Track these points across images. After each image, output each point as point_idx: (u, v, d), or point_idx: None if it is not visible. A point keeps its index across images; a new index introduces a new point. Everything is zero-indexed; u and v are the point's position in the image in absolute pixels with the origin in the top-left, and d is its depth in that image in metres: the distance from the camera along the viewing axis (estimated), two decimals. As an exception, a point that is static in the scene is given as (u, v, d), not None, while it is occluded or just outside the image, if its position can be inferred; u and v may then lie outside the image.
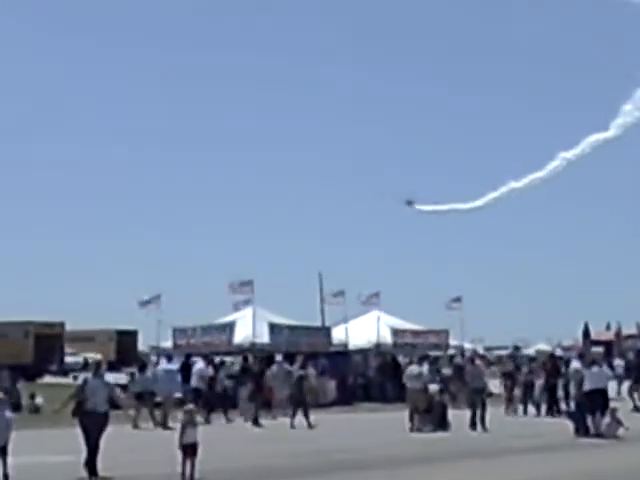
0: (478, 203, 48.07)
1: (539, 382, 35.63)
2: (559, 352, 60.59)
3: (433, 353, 43.84)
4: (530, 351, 69.16)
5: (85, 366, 51.02)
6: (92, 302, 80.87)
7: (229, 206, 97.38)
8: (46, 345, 54.01)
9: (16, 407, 29.99)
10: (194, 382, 33.64)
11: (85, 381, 19.61)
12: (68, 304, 78.48)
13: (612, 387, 33.02)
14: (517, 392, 36.78)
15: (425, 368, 32.68)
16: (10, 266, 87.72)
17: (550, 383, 35.00)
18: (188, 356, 37.29)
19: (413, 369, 31.76)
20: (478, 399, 29.72)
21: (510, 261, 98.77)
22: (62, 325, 56.20)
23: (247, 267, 79.53)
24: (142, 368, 33.44)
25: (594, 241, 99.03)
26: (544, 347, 74.37)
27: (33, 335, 54.30)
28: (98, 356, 53.37)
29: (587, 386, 27.25)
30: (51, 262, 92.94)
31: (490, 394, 33.42)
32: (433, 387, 32.19)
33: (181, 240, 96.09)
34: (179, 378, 32.77)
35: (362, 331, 46.59)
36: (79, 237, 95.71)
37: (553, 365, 36.20)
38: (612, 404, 28.08)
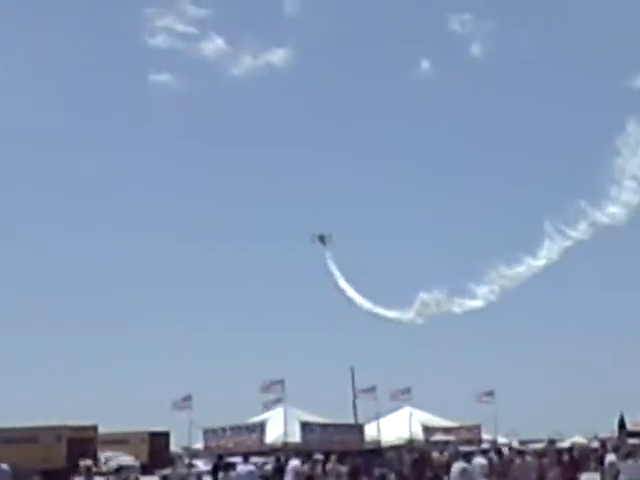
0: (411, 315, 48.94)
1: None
2: (595, 444, 59.72)
3: (466, 449, 43.41)
4: (566, 444, 68.18)
5: (118, 470, 50.85)
6: (124, 402, 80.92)
7: (259, 304, 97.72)
8: (79, 449, 53.92)
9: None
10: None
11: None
12: (99, 404, 78.52)
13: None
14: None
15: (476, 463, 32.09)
16: (41, 367, 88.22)
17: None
18: (220, 457, 37.18)
19: (460, 465, 31.24)
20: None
21: (542, 351, 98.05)
22: (95, 428, 56.15)
23: (277, 364, 79.57)
24: (227, 467, 32.13)
25: (630, 329, 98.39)
26: (580, 439, 73.27)
27: (66, 439, 54.29)
28: (132, 458, 53.40)
29: (623, 479, 26.98)
30: (82, 362, 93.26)
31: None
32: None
33: (211, 339, 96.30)
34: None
35: (394, 428, 46.37)
36: (109, 334, 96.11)
37: (571, 458, 35.31)
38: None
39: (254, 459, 40.79)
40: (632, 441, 63.77)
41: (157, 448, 59.93)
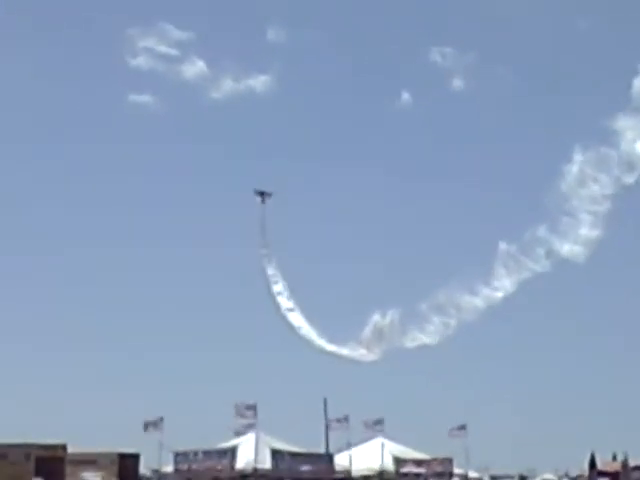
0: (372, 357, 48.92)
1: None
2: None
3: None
4: (536, 480, 68.26)
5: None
6: (94, 422, 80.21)
7: (233, 327, 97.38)
8: (48, 467, 53.49)
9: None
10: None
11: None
12: (69, 424, 77.81)
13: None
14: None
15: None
16: (11, 384, 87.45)
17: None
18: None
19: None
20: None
21: (516, 388, 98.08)
22: (64, 447, 55.73)
23: (251, 389, 79.12)
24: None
25: (603, 370, 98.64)
26: (551, 477, 73.39)
27: (34, 457, 53.86)
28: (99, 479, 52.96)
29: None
30: (53, 380, 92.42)
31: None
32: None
33: (184, 361, 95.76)
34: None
35: (366, 458, 46.25)
36: (81, 352, 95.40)
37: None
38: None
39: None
40: (602, 480, 63.94)
41: (126, 470, 59.41)
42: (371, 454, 46.53)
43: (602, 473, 69.14)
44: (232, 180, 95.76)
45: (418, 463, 47.72)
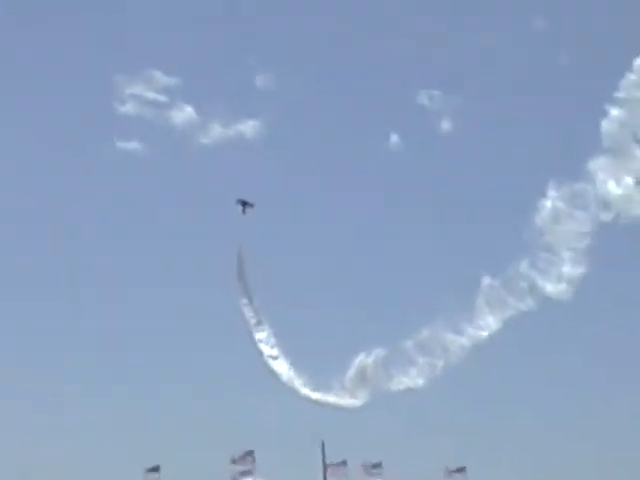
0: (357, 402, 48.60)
1: None
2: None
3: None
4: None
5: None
6: (93, 470, 79.37)
7: (230, 372, 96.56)
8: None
9: None
10: None
11: None
12: (67, 471, 77.02)
13: None
14: None
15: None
16: (10, 433, 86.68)
17: None
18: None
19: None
20: None
21: (513, 432, 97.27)
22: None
23: (247, 436, 78.45)
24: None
25: (590, 405, 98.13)
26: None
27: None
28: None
29: None
30: (51, 427, 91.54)
31: None
32: None
33: (180, 411, 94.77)
34: None
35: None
36: (79, 404, 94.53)
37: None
38: None
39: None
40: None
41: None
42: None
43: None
44: (218, 227, 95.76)
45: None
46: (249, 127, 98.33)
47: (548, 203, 45.49)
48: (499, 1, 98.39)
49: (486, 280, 47.60)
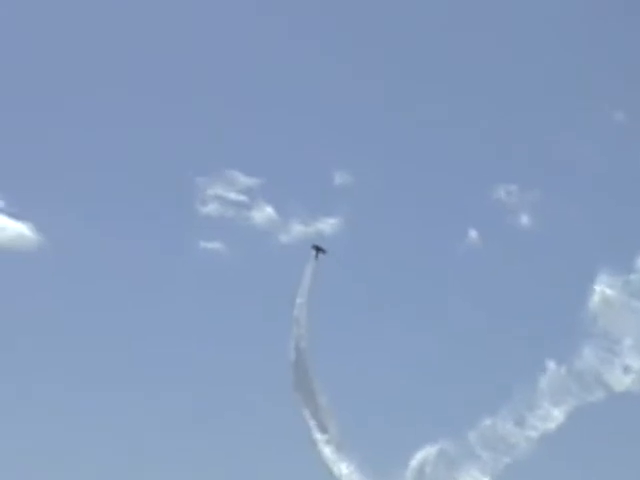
0: None
1: None
2: None
3: None
4: None
5: None
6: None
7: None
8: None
9: None
10: None
11: None
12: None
13: None
14: None
15: None
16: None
17: None
18: None
19: None
20: None
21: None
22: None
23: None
24: None
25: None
26: None
27: None
28: None
29: None
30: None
31: None
32: None
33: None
34: None
35: None
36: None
37: None
38: None
39: None
40: None
41: None
42: None
43: None
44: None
45: None
46: (328, 225, 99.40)
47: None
48: (576, 96, 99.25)
49: (551, 364, 46.78)
